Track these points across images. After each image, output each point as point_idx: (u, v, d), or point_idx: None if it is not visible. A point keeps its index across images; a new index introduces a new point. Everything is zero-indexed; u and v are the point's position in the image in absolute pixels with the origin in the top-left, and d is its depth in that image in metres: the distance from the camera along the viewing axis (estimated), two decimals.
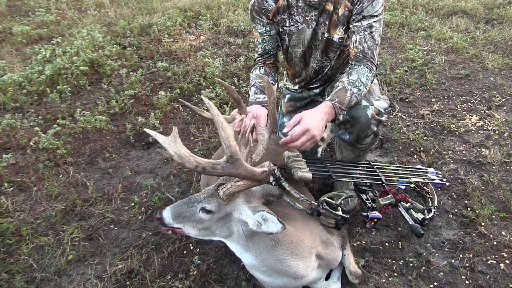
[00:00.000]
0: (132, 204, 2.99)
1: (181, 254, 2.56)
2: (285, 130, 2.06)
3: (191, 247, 2.60)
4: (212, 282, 2.37)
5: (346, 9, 2.42)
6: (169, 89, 4.42)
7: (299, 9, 2.51)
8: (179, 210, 1.79)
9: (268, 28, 2.56)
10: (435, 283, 2.29)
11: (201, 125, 3.85)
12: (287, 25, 2.59)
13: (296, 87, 3.00)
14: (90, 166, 3.44)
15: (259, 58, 2.63)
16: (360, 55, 2.32)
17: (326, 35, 2.56)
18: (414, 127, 3.69)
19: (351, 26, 2.40)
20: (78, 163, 3.46)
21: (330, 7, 2.45)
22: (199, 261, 2.46)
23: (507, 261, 2.38)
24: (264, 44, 2.59)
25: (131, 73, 4.71)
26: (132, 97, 4.26)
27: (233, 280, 2.41)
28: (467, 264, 2.38)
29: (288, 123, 2.06)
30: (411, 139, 3.50)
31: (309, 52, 2.69)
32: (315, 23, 2.53)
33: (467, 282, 2.28)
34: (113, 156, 3.53)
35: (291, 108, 3.09)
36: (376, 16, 2.35)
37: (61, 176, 3.31)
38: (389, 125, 3.72)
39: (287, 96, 3.09)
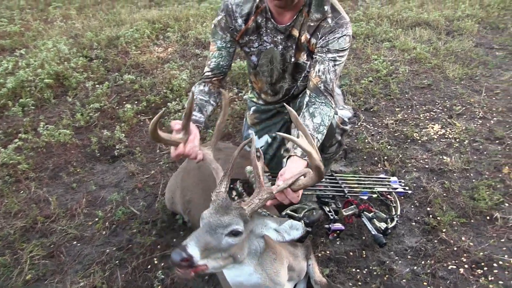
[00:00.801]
0: (96, 219, 2.94)
1: (145, 269, 2.54)
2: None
3: (155, 262, 2.58)
4: None
5: (306, 39, 2.46)
6: (136, 102, 4.40)
7: (268, 30, 2.53)
8: (205, 240, 1.57)
9: (228, 45, 2.55)
10: None
11: None
12: (256, 46, 2.60)
13: (261, 102, 3.02)
14: (53, 181, 3.38)
15: (209, 73, 2.53)
16: (322, 86, 2.33)
17: (293, 59, 2.59)
18: (378, 137, 3.76)
19: (315, 55, 2.42)
20: (40, 178, 3.39)
21: (296, 33, 2.48)
22: (162, 276, 2.44)
23: (466, 266, 2.45)
24: (220, 59, 2.56)
25: (97, 85, 4.66)
26: (98, 110, 4.21)
27: None
28: (428, 271, 2.43)
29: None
30: (375, 149, 3.56)
31: (279, 75, 2.71)
32: (282, 46, 2.56)
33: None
34: (78, 170, 3.47)
35: (256, 120, 3.10)
36: (343, 50, 2.38)
37: (21, 192, 3.24)
38: (354, 135, 3.78)
39: (252, 108, 3.10)
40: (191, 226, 2.64)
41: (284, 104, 2.15)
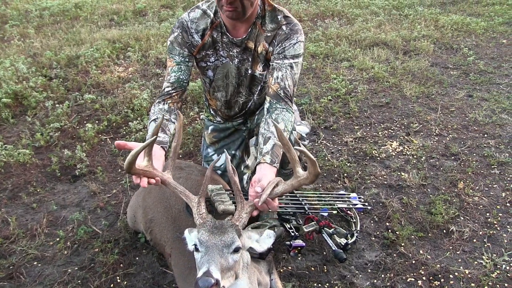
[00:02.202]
0: (57, 239, 2.89)
1: None
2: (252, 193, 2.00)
3: (118, 280, 2.55)
4: None
5: (264, 49, 2.53)
6: (97, 121, 4.35)
7: (224, 45, 2.59)
8: (220, 262, 1.62)
9: (187, 59, 2.59)
10: None
11: None
12: (212, 60, 2.66)
13: (218, 118, 3.06)
14: (12, 201, 3.29)
15: (169, 88, 2.53)
16: (281, 92, 2.40)
17: (249, 71, 2.66)
18: (338, 154, 3.84)
19: (272, 63, 2.50)
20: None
21: (251, 45, 2.56)
22: None
23: (424, 278, 2.52)
24: (179, 73, 2.58)
25: (57, 105, 4.58)
26: (58, 130, 4.14)
27: None
28: (388, 284, 2.49)
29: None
30: (335, 166, 3.64)
31: (234, 89, 2.76)
32: (238, 59, 2.62)
33: None
34: (38, 190, 3.40)
35: (214, 139, 3.13)
36: (298, 56, 2.47)
37: None
38: (314, 152, 3.85)
39: (210, 127, 3.13)
40: (152, 244, 2.63)
41: (272, 121, 2.22)
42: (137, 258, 2.71)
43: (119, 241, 2.82)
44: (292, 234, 2.49)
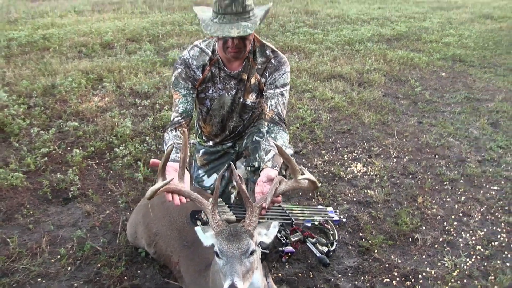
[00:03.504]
0: (59, 256, 3.07)
1: None
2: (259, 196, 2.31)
3: None
4: None
5: (256, 80, 2.93)
6: (81, 147, 4.55)
7: (221, 78, 2.97)
8: (240, 270, 1.87)
9: (191, 91, 2.94)
10: None
11: (117, 181, 4.04)
12: (210, 92, 3.02)
13: (210, 143, 3.40)
14: (7, 223, 3.44)
15: (179, 118, 2.85)
16: (276, 118, 2.79)
17: (241, 100, 3.04)
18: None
19: (265, 92, 2.90)
20: None
21: (245, 76, 2.95)
22: None
23: (397, 279, 2.91)
24: (186, 104, 2.92)
25: (41, 132, 4.76)
26: (45, 155, 4.32)
27: None
28: (368, 285, 2.86)
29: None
30: None
31: (227, 115, 3.13)
32: (234, 90, 3.00)
33: None
34: (31, 212, 3.56)
35: (205, 161, 3.46)
36: (286, 85, 2.90)
37: None
38: (288, 175, 4.21)
39: (201, 151, 3.46)
40: (156, 257, 2.88)
41: (271, 141, 2.58)
42: (139, 271, 2.95)
43: (122, 256, 3.05)
44: (283, 241, 2.84)
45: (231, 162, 2.76)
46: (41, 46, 8.73)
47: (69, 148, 4.55)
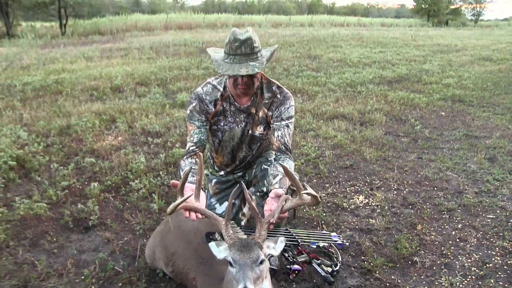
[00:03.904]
0: (83, 276, 3.29)
1: None
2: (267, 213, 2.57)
3: None
4: None
5: (264, 113, 3.25)
6: (98, 182, 4.84)
7: (231, 112, 3.29)
8: (252, 276, 2.11)
9: (205, 123, 3.26)
10: None
11: (133, 211, 4.30)
12: (222, 124, 3.33)
13: (222, 173, 3.68)
14: (34, 248, 3.69)
15: (193, 147, 3.15)
16: (283, 147, 3.10)
17: (250, 132, 3.34)
18: (314, 207, 4.47)
19: (273, 125, 3.21)
20: (21, 245, 3.70)
21: (253, 110, 3.27)
22: None
23: None
24: (200, 134, 3.23)
25: (60, 167, 5.07)
26: (65, 188, 4.61)
27: None
28: None
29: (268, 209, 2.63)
30: (313, 215, 4.26)
31: (237, 146, 3.43)
32: (243, 123, 3.31)
33: None
34: (55, 239, 3.82)
35: (217, 190, 3.73)
36: (291, 117, 3.22)
37: (4, 258, 3.53)
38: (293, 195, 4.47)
39: (213, 180, 3.74)
40: (173, 276, 3.11)
41: (278, 166, 2.86)
42: None
43: (141, 276, 3.28)
44: (291, 260, 3.08)
45: (242, 182, 3.02)
46: (54, 90, 9.24)
47: (86, 183, 4.84)
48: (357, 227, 4.09)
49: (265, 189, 3.20)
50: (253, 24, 37.04)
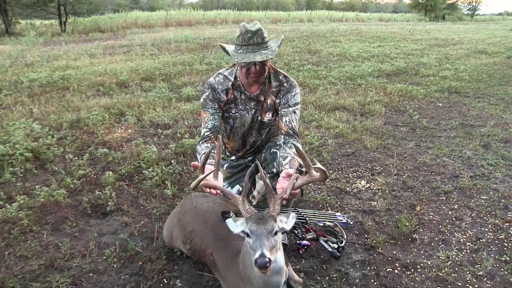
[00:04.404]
0: (105, 256, 3.54)
1: (161, 285, 3.19)
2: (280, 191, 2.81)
3: (165, 281, 3.23)
4: None
5: (272, 101, 3.49)
6: (112, 171, 5.08)
7: (242, 100, 3.53)
8: (268, 245, 2.34)
9: (218, 111, 3.51)
10: (354, 286, 3.17)
11: (148, 197, 4.54)
12: (233, 112, 3.58)
13: (233, 157, 3.93)
14: (56, 232, 3.92)
15: (208, 132, 3.42)
16: (291, 131, 3.35)
17: (259, 118, 3.59)
18: (319, 191, 4.72)
19: (280, 111, 3.46)
20: (44, 229, 3.94)
21: (262, 98, 3.52)
22: (180, 284, 3.12)
23: (399, 268, 3.36)
24: (214, 121, 3.49)
25: (75, 158, 5.31)
26: (81, 177, 4.85)
27: None
28: (373, 273, 3.31)
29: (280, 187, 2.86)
30: (318, 199, 4.50)
31: (248, 131, 3.67)
32: (253, 110, 3.56)
33: (375, 283, 3.20)
34: (75, 223, 4.05)
35: (229, 174, 3.97)
36: (297, 104, 3.47)
37: (29, 241, 3.76)
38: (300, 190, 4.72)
39: (225, 165, 3.97)
40: (191, 253, 3.34)
41: (288, 149, 3.09)
42: (175, 267, 3.41)
43: (161, 254, 3.52)
44: (300, 236, 3.33)
45: (257, 161, 3.26)
46: (61, 86, 9.44)
47: (100, 172, 5.08)
48: (360, 208, 4.33)
49: (275, 170, 3.44)
50: (252, 20, 37.25)
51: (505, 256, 3.52)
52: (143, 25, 31.55)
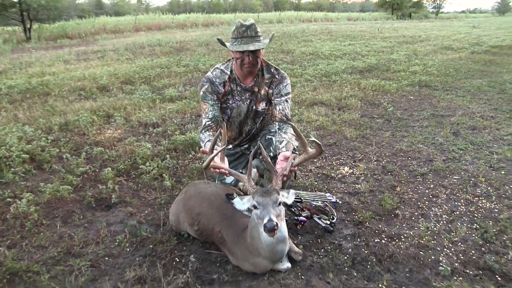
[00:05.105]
0: (117, 242, 3.81)
1: (174, 262, 3.50)
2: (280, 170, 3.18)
3: (177, 260, 3.54)
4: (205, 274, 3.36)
5: (265, 91, 3.86)
6: (109, 168, 5.33)
7: (238, 92, 3.88)
8: (274, 212, 2.72)
9: (217, 102, 3.86)
10: (347, 255, 3.55)
11: (148, 190, 4.82)
12: (230, 103, 3.93)
13: (230, 146, 4.27)
14: (66, 224, 4.16)
15: (209, 122, 3.78)
16: (284, 118, 3.72)
17: (254, 107, 3.94)
18: (307, 177, 5.09)
19: (274, 101, 3.82)
20: (55, 222, 4.18)
21: (256, 89, 3.88)
22: (194, 259, 3.43)
23: (385, 239, 3.76)
24: (214, 111, 3.84)
25: (72, 157, 5.54)
26: (81, 174, 5.10)
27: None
28: (363, 243, 3.69)
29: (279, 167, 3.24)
30: (307, 184, 4.87)
31: (244, 120, 4.02)
32: (248, 101, 3.91)
33: (366, 251, 3.58)
34: (82, 216, 4.31)
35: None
36: (289, 93, 3.84)
37: (42, 233, 4.00)
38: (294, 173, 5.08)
39: None
40: (198, 234, 3.65)
41: (283, 134, 3.47)
42: (184, 248, 3.72)
43: (170, 237, 3.82)
44: (297, 213, 3.70)
45: (260, 143, 3.62)
46: (41, 92, 9.57)
47: (97, 170, 5.33)
48: (345, 191, 4.72)
49: (271, 154, 3.79)
50: (222, 23, 37.54)
51: (475, 224, 3.98)
52: (112, 30, 31.44)
